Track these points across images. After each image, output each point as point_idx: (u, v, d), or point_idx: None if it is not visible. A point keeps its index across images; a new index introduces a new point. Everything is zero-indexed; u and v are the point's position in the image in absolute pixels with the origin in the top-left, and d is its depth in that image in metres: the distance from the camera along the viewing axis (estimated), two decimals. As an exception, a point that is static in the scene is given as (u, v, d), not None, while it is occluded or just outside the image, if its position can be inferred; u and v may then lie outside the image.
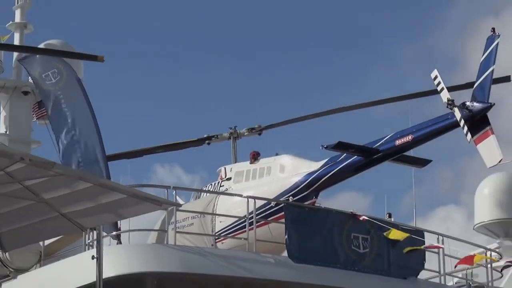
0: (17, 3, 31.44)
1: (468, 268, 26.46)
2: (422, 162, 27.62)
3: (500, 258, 29.72)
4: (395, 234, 22.61)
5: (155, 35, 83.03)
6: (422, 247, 23.53)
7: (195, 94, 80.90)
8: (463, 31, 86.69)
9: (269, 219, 23.88)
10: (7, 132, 30.14)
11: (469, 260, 23.29)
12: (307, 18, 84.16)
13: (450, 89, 24.87)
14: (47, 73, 26.29)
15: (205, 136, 31.21)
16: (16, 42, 31.34)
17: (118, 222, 21.82)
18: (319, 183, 25.50)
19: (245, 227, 23.54)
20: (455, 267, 25.00)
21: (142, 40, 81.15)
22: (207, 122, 79.79)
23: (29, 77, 30.49)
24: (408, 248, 22.97)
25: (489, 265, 25.87)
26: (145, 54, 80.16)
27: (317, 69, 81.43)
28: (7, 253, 21.73)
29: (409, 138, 25.29)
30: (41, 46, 30.26)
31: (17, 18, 31.47)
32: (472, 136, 23.82)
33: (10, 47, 31.04)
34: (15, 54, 31.23)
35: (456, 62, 74.30)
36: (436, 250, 24.43)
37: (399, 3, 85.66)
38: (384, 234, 22.78)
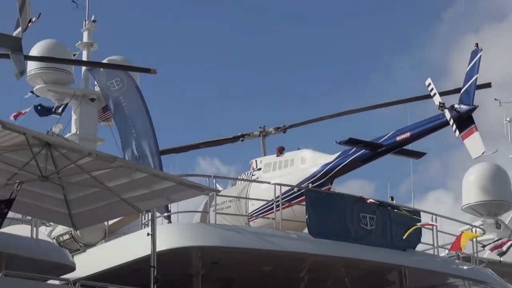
0: (85, 26, 31.54)
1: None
2: (418, 154, 27.76)
3: (483, 233, 29.71)
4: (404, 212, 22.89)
5: (194, 44, 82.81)
6: (419, 224, 23.56)
7: (231, 99, 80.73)
8: (448, 45, 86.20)
9: (292, 202, 23.90)
10: (77, 132, 30.21)
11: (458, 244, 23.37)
12: (320, 31, 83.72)
13: (441, 94, 24.90)
14: (111, 81, 26.43)
15: (239, 134, 31.26)
16: (84, 58, 31.43)
17: (169, 205, 21.89)
18: (333, 172, 25.61)
19: (273, 209, 23.62)
20: (449, 251, 25.09)
21: (185, 49, 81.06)
22: (241, 122, 79.98)
23: (95, 87, 30.74)
24: (408, 232, 23.06)
25: (474, 239, 25.89)
26: (188, 63, 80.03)
27: (327, 76, 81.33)
28: (78, 231, 21.81)
29: (407, 134, 25.38)
30: (105, 61, 30.38)
31: (85, 39, 31.53)
32: (460, 133, 23.94)
33: (80, 62, 31.16)
34: (83, 67, 31.34)
35: (443, 72, 73.87)
36: (430, 227, 24.48)
37: (395, 21, 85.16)
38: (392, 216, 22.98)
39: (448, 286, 25.73)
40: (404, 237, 22.80)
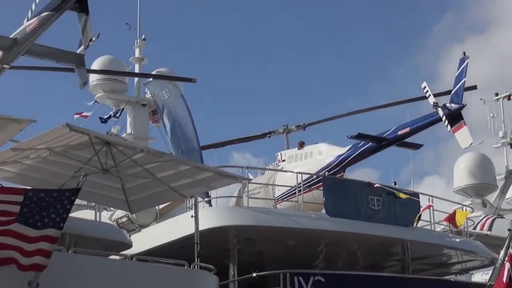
0: (136, 44, 31.55)
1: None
2: (416, 146, 27.69)
3: (472, 211, 29.54)
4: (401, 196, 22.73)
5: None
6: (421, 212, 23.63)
7: (259, 102, 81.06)
8: (438, 54, 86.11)
9: (312, 187, 23.81)
10: (132, 132, 30.27)
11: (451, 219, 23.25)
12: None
13: (434, 95, 24.82)
14: (162, 91, 26.66)
15: (266, 131, 31.22)
16: (136, 70, 31.44)
17: (209, 191, 21.86)
18: (345, 162, 25.58)
19: (296, 193, 23.59)
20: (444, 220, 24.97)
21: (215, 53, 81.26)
22: (268, 121, 80.00)
23: (146, 94, 30.76)
24: (416, 220, 23.11)
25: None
26: (222, 72, 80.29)
27: (338, 81, 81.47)
28: (134, 214, 21.82)
29: (407, 129, 25.29)
30: (154, 72, 30.39)
31: (137, 54, 31.54)
32: (451, 127, 23.91)
33: (133, 74, 31.19)
34: (136, 78, 31.35)
35: (433, 77, 73.73)
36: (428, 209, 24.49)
37: (392, 34, 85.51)
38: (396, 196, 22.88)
39: (443, 256, 25.59)
40: (415, 225, 23.08)
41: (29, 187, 16.02)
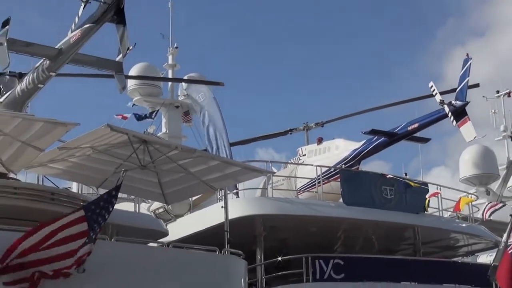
0: (169, 51, 31.58)
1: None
2: (424, 140, 27.60)
3: (477, 199, 29.41)
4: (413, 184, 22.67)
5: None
6: (427, 196, 23.44)
7: (281, 102, 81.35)
8: (441, 56, 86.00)
9: (330, 179, 23.80)
10: (167, 131, 30.32)
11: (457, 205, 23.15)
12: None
13: (441, 93, 24.68)
14: (198, 95, 26.82)
15: (288, 129, 31.18)
16: (170, 75, 31.48)
17: (236, 184, 21.85)
18: (360, 155, 25.54)
19: (315, 185, 23.58)
20: (453, 211, 24.89)
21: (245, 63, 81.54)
22: (290, 119, 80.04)
23: (178, 97, 30.83)
24: (414, 185, 22.96)
25: (470, 203, 25.73)
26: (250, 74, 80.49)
27: (351, 83, 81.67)
28: (169, 205, 21.85)
29: (416, 125, 25.20)
30: (185, 77, 30.42)
31: (170, 61, 31.57)
32: (456, 122, 23.87)
33: (167, 79, 31.22)
34: (169, 83, 31.38)
35: (437, 77, 73.74)
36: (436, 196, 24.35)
37: (399, 39, 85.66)
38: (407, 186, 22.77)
39: (451, 239, 25.48)
40: (421, 207, 22.96)
41: (83, 200, 16.29)
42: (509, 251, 19.66)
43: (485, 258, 27.90)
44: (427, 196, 23.51)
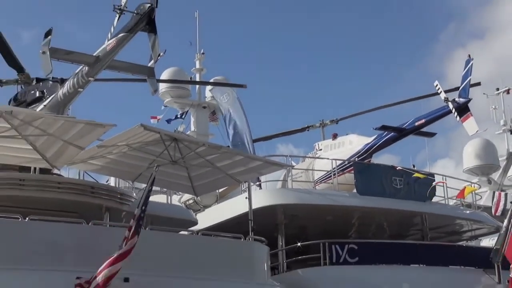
0: (197, 57, 31.55)
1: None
2: (430, 134, 27.36)
3: (479, 187, 29.19)
4: (420, 177, 22.43)
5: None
6: (434, 184, 23.25)
7: (299, 101, 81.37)
8: (443, 58, 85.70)
9: (345, 171, 23.72)
10: (195, 130, 30.30)
11: (462, 194, 22.95)
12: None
13: (445, 91, 24.51)
14: (223, 96, 26.87)
15: (305, 126, 31.11)
16: (197, 79, 31.44)
17: (259, 177, 21.83)
18: (372, 149, 25.40)
19: (331, 176, 23.50)
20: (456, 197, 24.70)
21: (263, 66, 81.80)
22: (307, 117, 79.91)
23: (205, 98, 30.83)
24: (421, 176, 22.75)
25: (473, 192, 25.54)
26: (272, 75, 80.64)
27: (363, 83, 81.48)
28: (198, 197, 21.86)
29: (423, 121, 25.04)
30: (211, 80, 30.42)
31: (197, 66, 31.51)
32: (460, 118, 23.72)
33: (195, 82, 31.17)
34: (197, 86, 31.36)
35: (440, 77, 73.42)
36: (441, 184, 24.15)
37: (405, 42, 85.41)
38: (415, 177, 22.60)
39: (456, 225, 25.28)
40: (428, 196, 22.80)
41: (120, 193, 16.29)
42: None
43: (488, 242, 27.64)
44: (434, 185, 23.33)
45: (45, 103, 18.47)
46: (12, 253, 13.57)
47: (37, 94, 19.11)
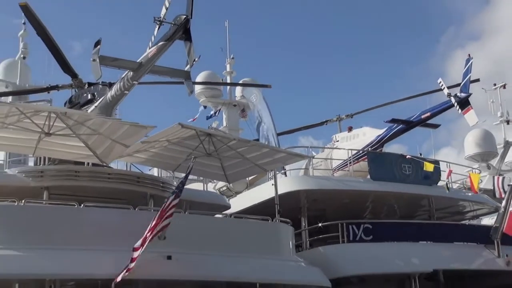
0: (227, 61, 31.58)
1: (463, 179, 25.90)
2: (435, 126, 26.98)
3: (480, 172, 28.89)
4: (427, 164, 22.19)
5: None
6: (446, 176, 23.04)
7: (319, 97, 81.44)
8: (444, 58, 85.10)
9: (359, 160, 23.58)
10: (227, 126, 30.36)
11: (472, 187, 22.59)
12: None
13: (448, 87, 24.23)
14: (251, 96, 26.86)
15: (324, 120, 30.92)
16: (228, 81, 31.45)
17: (284, 166, 21.80)
18: (383, 140, 25.13)
19: (347, 165, 23.42)
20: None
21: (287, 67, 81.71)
22: (325, 112, 79.66)
23: (236, 97, 30.86)
24: (429, 165, 22.53)
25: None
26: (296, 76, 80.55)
27: (372, 80, 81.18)
28: (231, 184, 21.90)
29: (428, 114, 24.76)
30: (241, 81, 30.41)
31: (228, 69, 31.56)
32: (461, 111, 23.47)
33: (225, 84, 31.21)
34: (228, 87, 31.37)
35: (441, 75, 72.79)
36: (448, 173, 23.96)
37: (409, 44, 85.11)
38: (422, 165, 22.38)
39: (459, 206, 25.06)
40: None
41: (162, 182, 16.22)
42: None
43: (488, 220, 27.37)
44: (445, 177, 23.04)
45: (96, 104, 18.57)
46: (69, 235, 13.71)
47: (89, 96, 19.21)
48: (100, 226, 13.97)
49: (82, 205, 14.28)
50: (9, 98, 23.94)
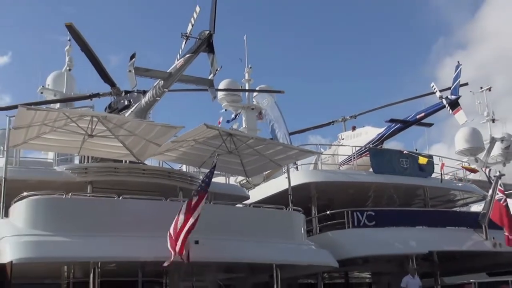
0: (245, 70, 31.44)
1: (455, 171, 25.67)
2: (428, 125, 26.57)
3: (469, 165, 28.57)
4: (421, 158, 22.01)
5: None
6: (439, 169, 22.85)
7: (326, 101, 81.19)
8: (435, 65, 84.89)
9: (362, 155, 23.40)
10: (246, 127, 30.19)
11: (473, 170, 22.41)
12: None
13: (440, 90, 23.97)
14: (263, 100, 26.75)
15: (331, 120, 30.76)
16: (246, 87, 31.35)
17: (296, 161, 21.72)
18: (383, 138, 24.94)
19: (351, 160, 23.28)
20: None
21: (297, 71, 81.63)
22: (331, 113, 79.55)
23: (253, 102, 30.76)
24: (424, 159, 22.32)
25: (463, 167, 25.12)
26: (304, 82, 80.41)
27: (370, 82, 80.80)
28: (250, 178, 21.86)
29: (422, 114, 24.50)
30: (257, 88, 30.33)
31: (246, 77, 31.46)
32: (452, 111, 23.11)
33: (244, 90, 31.09)
34: (247, 93, 31.28)
35: (433, 79, 72.64)
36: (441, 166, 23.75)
37: (402, 53, 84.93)
38: (417, 159, 22.21)
39: (451, 195, 24.80)
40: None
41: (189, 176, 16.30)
42: (501, 202, 19.33)
43: (476, 207, 27.02)
44: (439, 170, 22.85)
45: (132, 109, 18.62)
46: (109, 223, 13.76)
47: (126, 102, 19.27)
48: (136, 215, 13.99)
49: (120, 197, 14.31)
50: (57, 105, 24.08)
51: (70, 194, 13.92)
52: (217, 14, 15.88)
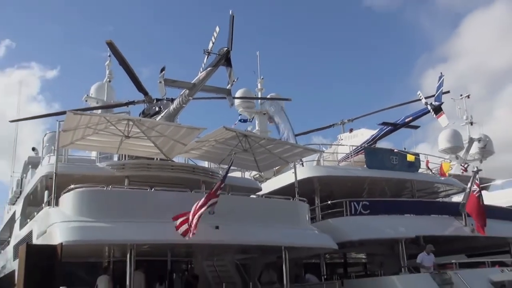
0: (258, 81, 31.32)
1: (437, 167, 25.50)
2: (415, 127, 26.45)
3: (450, 162, 28.40)
4: (409, 156, 21.89)
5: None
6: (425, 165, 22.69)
7: (327, 107, 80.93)
8: (418, 77, 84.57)
9: (358, 153, 23.32)
10: (259, 129, 30.19)
11: (442, 171, 22.32)
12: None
13: (425, 98, 23.83)
14: (270, 107, 26.71)
15: (331, 124, 30.64)
16: (259, 95, 31.26)
17: (302, 158, 21.68)
18: (376, 138, 24.84)
19: (349, 157, 23.19)
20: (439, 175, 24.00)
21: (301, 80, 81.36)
22: (331, 117, 79.23)
23: (266, 107, 30.73)
24: (411, 157, 22.18)
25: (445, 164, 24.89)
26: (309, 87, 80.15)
27: (365, 90, 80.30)
28: (262, 172, 21.86)
29: (410, 118, 24.41)
30: (268, 96, 30.27)
31: (258, 86, 31.34)
32: (436, 115, 23.00)
33: (256, 98, 30.88)
34: (259, 101, 31.17)
35: (417, 88, 72.31)
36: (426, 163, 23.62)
37: (391, 64, 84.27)
38: (406, 157, 22.09)
39: (435, 187, 24.61)
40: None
41: (211, 171, 16.51)
42: (474, 194, 19.14)
43: (457, 198, 26.85)
44: (424, 166, 22.71)
45: (162, 115, 18.72)
46: (143, 211, 13.88)
47: (156, 109, 19.37)
48: (166, 205, 14.08)
49: (152, 189, 14.41)
50: (99, 111, 24.27)
51: (110, 186, 14.10)
52: (234, 33, 15.93)
